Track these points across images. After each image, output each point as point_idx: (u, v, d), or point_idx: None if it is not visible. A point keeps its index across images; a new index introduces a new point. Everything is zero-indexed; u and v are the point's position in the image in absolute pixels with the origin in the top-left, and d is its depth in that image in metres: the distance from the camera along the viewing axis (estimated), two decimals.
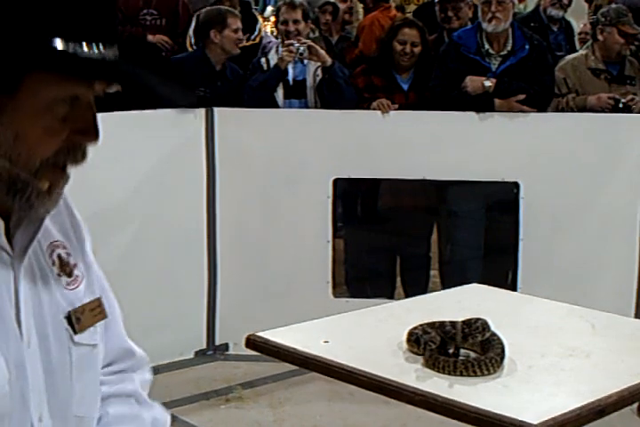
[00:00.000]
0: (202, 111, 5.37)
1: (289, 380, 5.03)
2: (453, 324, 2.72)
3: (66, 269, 1.41)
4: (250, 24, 7.05)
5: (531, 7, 8.90)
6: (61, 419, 1.36)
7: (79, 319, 1.39)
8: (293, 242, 5.42)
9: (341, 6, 7.48)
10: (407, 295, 5.71)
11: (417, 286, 5.82)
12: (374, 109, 5.43)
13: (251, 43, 6.82)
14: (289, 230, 5.42)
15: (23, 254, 1.31)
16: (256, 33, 7.09)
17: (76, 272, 1.42)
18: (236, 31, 5.71)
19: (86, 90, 1.26)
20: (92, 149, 1.31)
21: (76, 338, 1.38)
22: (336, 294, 5.56)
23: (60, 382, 1.35)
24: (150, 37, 6.48)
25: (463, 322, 2.71)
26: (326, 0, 7.26)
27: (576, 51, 6.55)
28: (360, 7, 7.59)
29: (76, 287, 1.41)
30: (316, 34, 7.02)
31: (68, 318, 1.37)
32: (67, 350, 1.37)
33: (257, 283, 5.40)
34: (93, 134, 1.27)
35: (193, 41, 6.21)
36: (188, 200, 5.37)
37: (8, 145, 1.20)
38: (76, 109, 1.25)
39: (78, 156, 1.28)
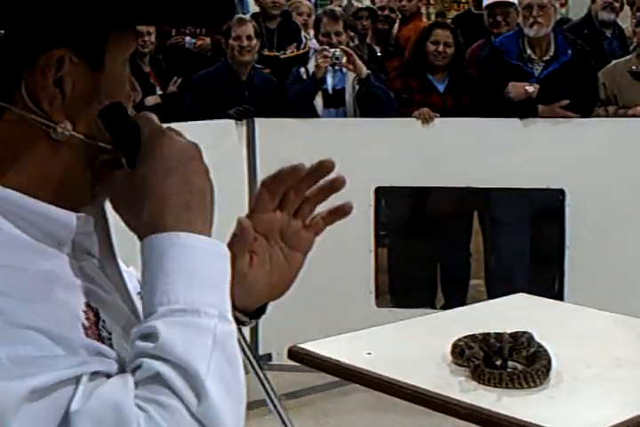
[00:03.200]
0: (243, 122, 5.37)
1: (332, 390, 5.00)
2: (499, 336, 2.68)
3: None
4: (293, 33, 7.06)
5: (573, 11, 8.87)
6: None
7: None
8: (336, 252, 5.38)
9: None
10: (447, 304, 5.68)
11: (457, 295, 5.79)
12: (416, 118, 5.40)
13: (299, 52, 6.83)
14: (331, 240, 5.34)
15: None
16: (303, 42, 7.10)
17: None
18: (238, 39, 5.67)
19: (136, 40, 1.18)
20: None
21: None
22: (379, 303, 5.53)
23: None
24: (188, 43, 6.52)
25: (510, 335, 2.67)
26: (360, 6, 7.24)
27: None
28: (398, 18, 7.55)
29: None
30: (356, 42, 7.00)
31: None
32: None
33: (299, 293, 5.32)
34: (138, 89, 1.20)
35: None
36: (230, 211, 5.34)
37: (102, 128, 1.12)
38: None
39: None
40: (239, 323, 1.33)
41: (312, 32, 7.62)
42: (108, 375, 1.03)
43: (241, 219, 1.32)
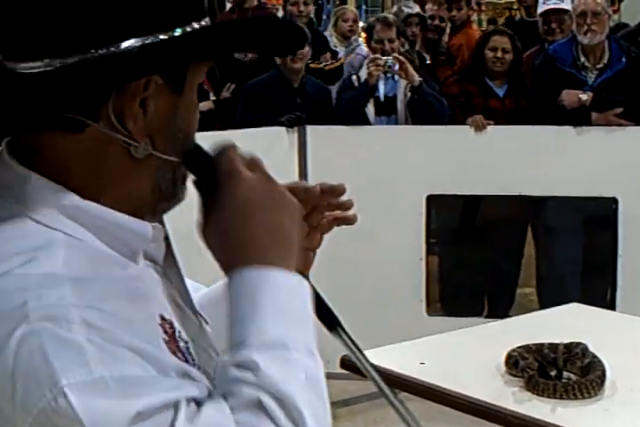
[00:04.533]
0: (294, 129, 5.39)
1: (383, 399, 4.98)
2: (553, 347, 2.66)
3: None
4: (321, 43, 7.06)
5: (625, 17, 8.79)
6: None
7: None
8: (386, 259, 5.39)
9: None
10: (491, 313, 5.66)
11: (503, 304, 5.77)
12: (469, 126, 5.39)
13: (338, 63, 6.84)
14: (382, 248, 5.39)
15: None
16: (340, 54, 7.11)
17: None
18: None
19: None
20: None
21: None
22: (430, 312, 5.51)
23: None
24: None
25: (564, 346, 2.65)
26: (410, 12, 7.20)
27: None
28: (448, 26, 7.53)
29: None
30: (406, 47, 6.99)
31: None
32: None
33: (350, 301, 5.36)
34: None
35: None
36: None
37: (179, 145, 1.17)
38: None
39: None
40: None
41: (360, 38, 7.64)
42: (200, 399, 1.06)
43: None
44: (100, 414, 0.97)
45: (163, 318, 1.11)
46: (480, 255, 5.92)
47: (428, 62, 6.95)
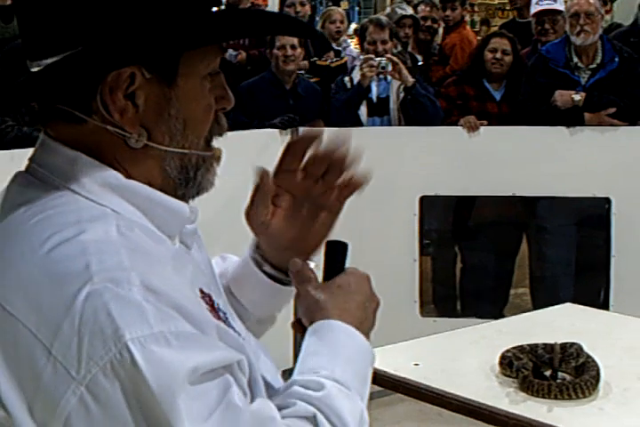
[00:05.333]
0: (288, 131, 5.38)
1: (378, 400, 4.98)
2: (547, 347, 2.66)
3: None
4: (322, 41, 7.06)
5: (617, 17, 8.80)
6: None
7: None
8: (380, 260, 5.38)
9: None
10: (485, 313, 5.66)
11: (497, 304, 5.77)
12: (462, 127, 5.39)
13: (343, 60, 6.84)
14: (375, 249, 5.38)
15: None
16: (343, 53, 7.11)
17: None
18: (282, 48, 5.67)
19: (220, 56, 1.27)
20: None
21: None
22: (423, 313, 5.51)
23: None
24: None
25: (559, 346, 2.66)
26: (404, 14, 7.21)
27: None
28: (441, 27, 7.54)
29: None
30: (399, 48, 6.99)
31: None
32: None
33: None
34: (230, 97, 1.29)
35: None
36: None
37: (180, 135, 1.22)
38: (213, 79, 1.26)
39: (223, 124, 1.30)
40: (278, 282, 1.48)
41: (349, 40, 7.64)
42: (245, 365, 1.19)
43: (261, 170, 1.41)
44: (159, 366, 1.05)
45: (202, 292, 1.21)
46: (473, 256, 5.92)
47: (420, 63, 6.96)
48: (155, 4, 1.16)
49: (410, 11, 7.37)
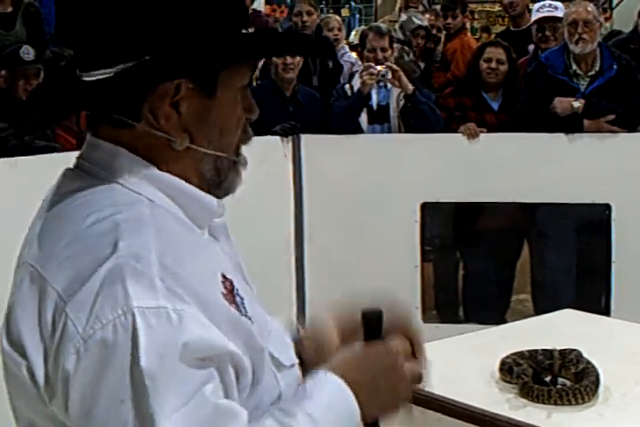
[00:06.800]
0: (289, 138, 5.41)
1: None
2: (547, 353, 2.68)
3: None
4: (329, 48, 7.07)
5: (617, 24, 8.82)
6: None
7: None
8: (381, 267, 5.40)
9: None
10: (486, 319, 5.67)
11: (499, 310, 5.78)
12: (462, 134, 5.41)
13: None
14: (377, 255, 5.40)
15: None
16: (341, 60, 7.12)
17: None
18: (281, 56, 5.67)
19: (249, 74, 1.45)
20: None
21: None
22: (425, 319, 5.52)
23: None
24: None
25: (559, 352, 2.67)
26: (419, 24, 7.24)
27: None
28: (442, 34, 7.57)
29: None
30: (411, 57, 6.99)
31: None
32: None
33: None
34: (255, 109, 1.46)
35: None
36: (276, 227, 5.39)
37: (217, 140, 1.38)
38: (242, 92, 1.42)
39: (249, 133, 1.46)
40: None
41: (346, 46, 7.65)
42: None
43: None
44: (155, 334, 1.19)
45: (224, 277, 1.33)
46: (475, 262, 5.93)
47: (421, 70, 6.99)
48: (199, 26, 1.31)
49: (425, 22, 7.41)
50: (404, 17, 7.90)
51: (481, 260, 5.91)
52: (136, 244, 1.25)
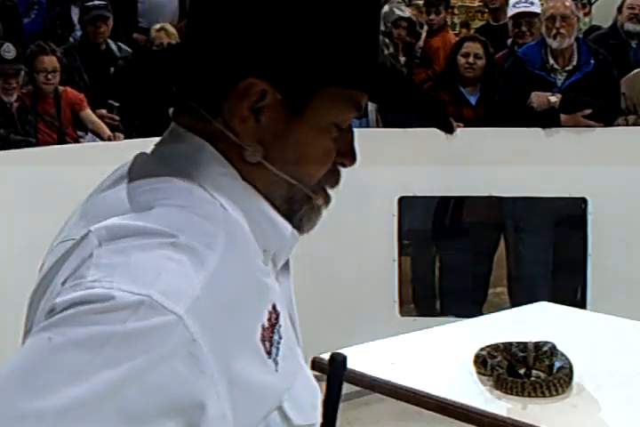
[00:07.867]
0: None
1: (357, 400, 5.00)
2: (521, 346, 2.70)
3: None
4: None
5: (596, 19, 8.84)
6: None
7: None
8: (359, 261, 5.42)
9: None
10: (464, 312, 5.70)
11: (476, 303, 5.82)
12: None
13: None
14: (355, 249, 5.42)
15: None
16: None
17: None
18: None
19: (354, 113, 1.26)
20: None
21: None
22: (403, 312, 5.54)
23: None
24: None
25: (533, 344, 2.69)
26: (402, 15, 7.13)
27: None
28: (424, 30, 7.53)
29: None
30: (391, 50, 6.94)
31: None
32: None
33: (322, 302, 5.39)
34: (353, 156, 1.29)
35: None
36: None
37: (292, 166, 1.21)
38: (341, 133, 1.25)
39: (338, 178, 1.29)
40: None
41: None
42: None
43: None
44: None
45: (274, 308, 1.16)
46: (452, 256, 5.96)
47: (402, 65, 6.96)
48: (296, 35, 1.17)
49: (408, 13, 7.29)
50: (385, 8, 7.83)
51: (458, 253, 5.93)
52: (199, 239, 1.09)
